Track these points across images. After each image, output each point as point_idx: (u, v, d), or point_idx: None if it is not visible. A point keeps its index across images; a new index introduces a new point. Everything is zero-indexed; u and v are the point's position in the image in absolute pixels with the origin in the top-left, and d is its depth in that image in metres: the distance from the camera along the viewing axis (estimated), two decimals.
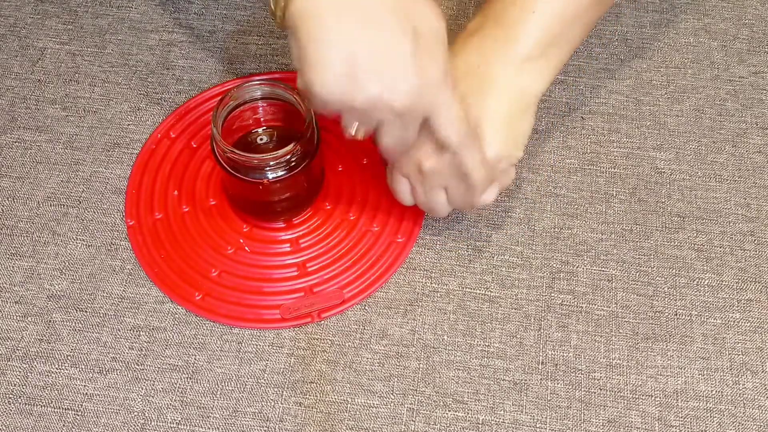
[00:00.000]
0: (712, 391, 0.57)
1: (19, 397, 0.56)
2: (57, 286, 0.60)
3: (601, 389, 0.57)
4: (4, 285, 0.60)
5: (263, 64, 0.71)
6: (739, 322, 0.59)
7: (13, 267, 0.61)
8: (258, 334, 0.59)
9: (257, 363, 0.57)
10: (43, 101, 0.69)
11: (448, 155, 0.53)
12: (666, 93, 0.70)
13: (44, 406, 0.56)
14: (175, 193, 0.64)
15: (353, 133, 0.51)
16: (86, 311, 0.59)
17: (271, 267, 0.61)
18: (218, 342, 0.58)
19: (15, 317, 0.59)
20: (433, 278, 0.61)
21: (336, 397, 0.56)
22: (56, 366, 0.57)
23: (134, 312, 0.59)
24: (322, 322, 0.59)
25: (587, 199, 0.64)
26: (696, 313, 0.60)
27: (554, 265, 0.62)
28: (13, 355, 0.58)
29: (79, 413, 0.56)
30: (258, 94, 0.59)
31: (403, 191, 0.58)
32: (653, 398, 0.57)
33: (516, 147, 0.55)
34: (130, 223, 0.63)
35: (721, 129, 0.68)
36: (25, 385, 0.56)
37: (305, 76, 0.48)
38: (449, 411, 0.56)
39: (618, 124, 0.68)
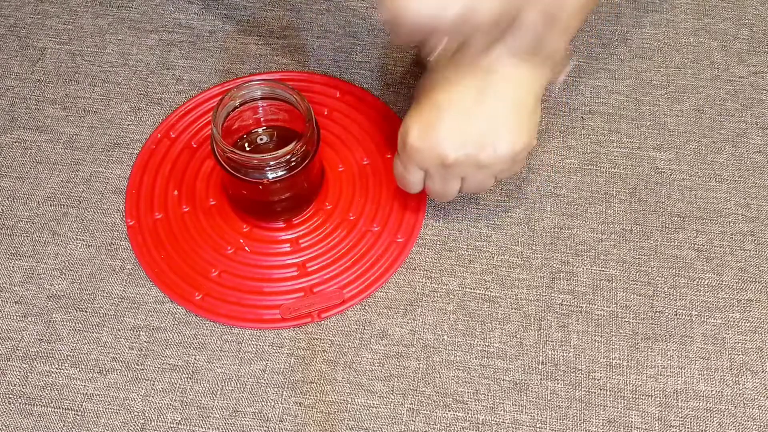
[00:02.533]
0: (712, 391, 0.57)
1: (19, 397, 0.56)
2: (57, 286, 0.60)
3: (601, 389, 0.57)
4: (4, 285, 0.60)
5: (263, 64, 0.71)
6: (739, 322, 0.59)
7: (13, 267, 0.61)
8: (258, 334, 0.59)
9: (257, 363, 0.57)
10: (43, 101, 0.69)
11: (474, 146, 0.54)
12: (666, 93, 0.70)
13: (44, 406, 0.56)
14: (175, 193, 0.64)
15: (436, 54, 0.55)
16: (86, 311, 0.59)
17: (271, 267, 0.61)
18: (218, 342, 0.58)
19: (15, 317, 0.59)
20: (433, 278, 0.61)
21: (336, 397, 0.56)
22: (56, 366, 0.57)
23: (134, 312, 0.59)
24: (322, 322, 0.59)
25: (587, 199, 0.64)
26: (696, 313, 0.60)
27: (554, 265, 0.62)
28: (13, 355, 0.58)
29: (79, 413, 0.56)
30: (258, 94, 0.59)
31: (416, 182, 0.58)
32: (653, 398, 0.57)
33: (533, 136, 0.57)
34: (130, 223, 0.63)
35: (721, 129, 0.68)
36: (25, 385, 0.56)
37: (395, 3, 0.51)
38: (449, 411, 0.56)
39: (618, 124, 0.68)
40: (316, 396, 0.56)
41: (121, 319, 0.59)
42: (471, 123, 0.54)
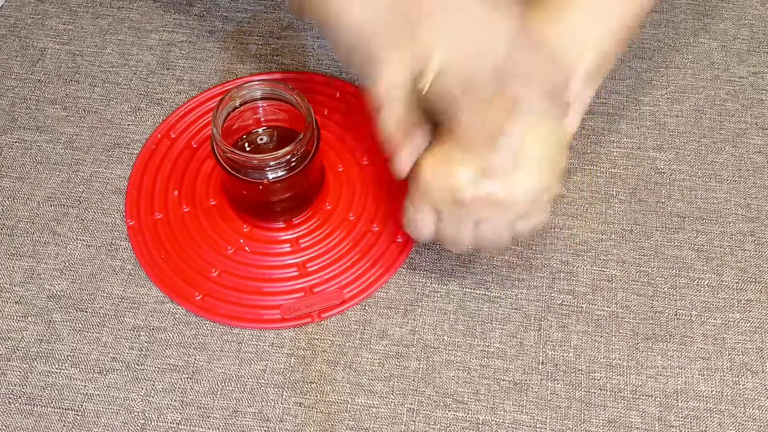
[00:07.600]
0: (712, 391, 0.57)
1: (19, 397, 0.56)
2: (57, 286, 0.60)
3: (601, 389, 0.57)
4: (4, 285, 0.60)
5: (263, 64, 0.71)
6: (739, 322, 0.59)
7: (13, 267, 0.61)
8: (258, 334, 0.59)
9: (257, 363, 0.57)
10: (43, 101, 0.69)
11: (493, 183, 0.50)
12: (666, 93, 0.70)
13: (44, 406, 0.56)
14: (175, 193, 0.64)
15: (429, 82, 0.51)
16: (86, 311, 0.59)
17: (271, 267, 0.61)
18: (218, 342, 0.58)
19: (15, 317, 0.59)
20: (433, 278, 0.61)
21: (336, 397, 0.56)
22: (56, 366, 0.57)
23: (134, 312, 0.59)
24: (322, 322, 0.59)
25: (587, 199, 0.64)
26: (696, 313, 0.60)
27: (554, 265, 0.62)
28: (13, 355, 0.58)
29: (79, 413, 0.56)
30: (258, 94, 0.59)
31: (427, 225, 0.54)
32: (653, 398, 0.57)
33: (557, 180, 0.53)
34: (131, 223, 0.63)
35: (721, 129, 0.68)
36: (25, 385, 0.56)
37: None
38: (449, 411, 0.56)
39: (618, 124, 0.68)
40: (316, 396, 0.56)
41: (121, 319, 0.59)
42: (491, 160, 0.50)
